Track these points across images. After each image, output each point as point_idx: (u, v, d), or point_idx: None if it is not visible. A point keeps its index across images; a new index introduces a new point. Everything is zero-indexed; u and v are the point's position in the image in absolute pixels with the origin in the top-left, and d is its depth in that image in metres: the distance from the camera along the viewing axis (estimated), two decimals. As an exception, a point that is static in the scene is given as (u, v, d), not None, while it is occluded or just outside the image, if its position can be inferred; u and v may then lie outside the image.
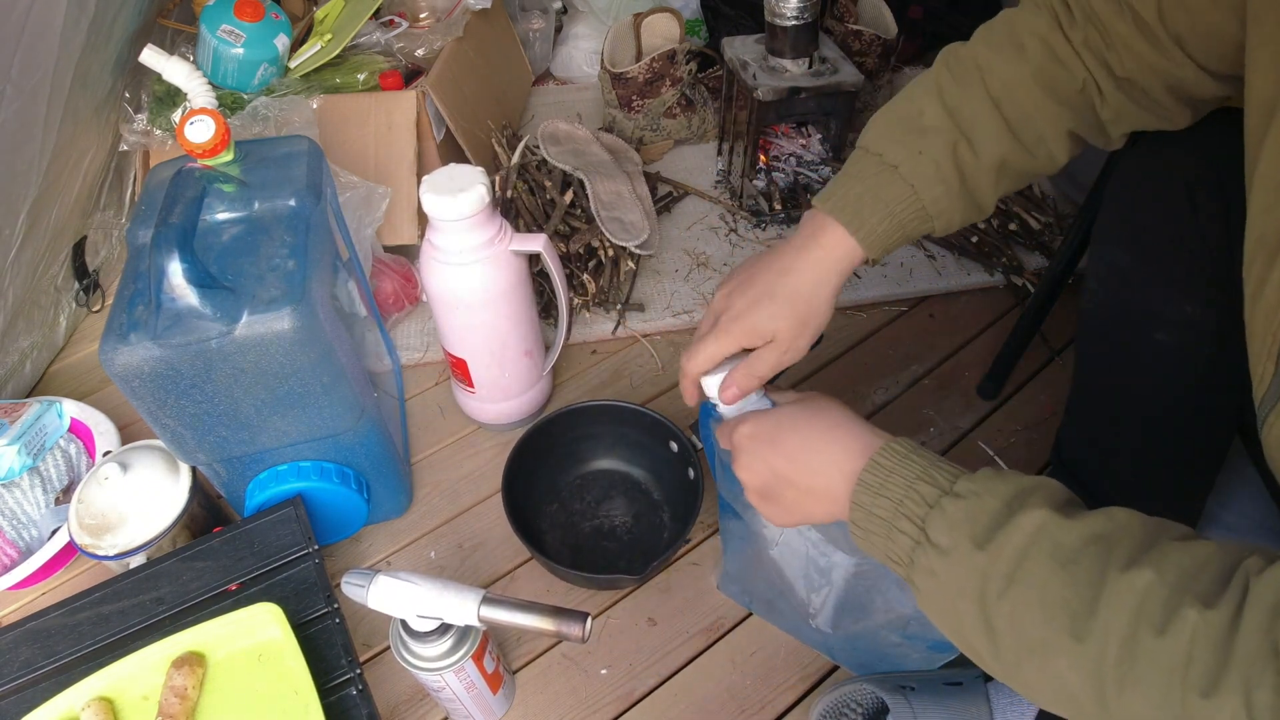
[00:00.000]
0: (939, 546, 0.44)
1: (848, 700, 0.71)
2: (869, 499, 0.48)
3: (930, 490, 0.46)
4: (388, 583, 0.58)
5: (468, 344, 0.89)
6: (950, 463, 0.47)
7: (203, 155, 0.69)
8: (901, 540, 0.46)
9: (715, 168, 1.40)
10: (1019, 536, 0.41)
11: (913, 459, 0.48)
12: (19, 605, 0.86)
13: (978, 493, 0.44)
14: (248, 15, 1.06)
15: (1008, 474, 0.45)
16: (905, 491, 0.46)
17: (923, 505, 0.45)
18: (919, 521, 0.45)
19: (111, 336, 0.62)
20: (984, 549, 0.41)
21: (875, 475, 0.48)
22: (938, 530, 0.44)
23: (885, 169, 0.59)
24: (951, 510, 0.44)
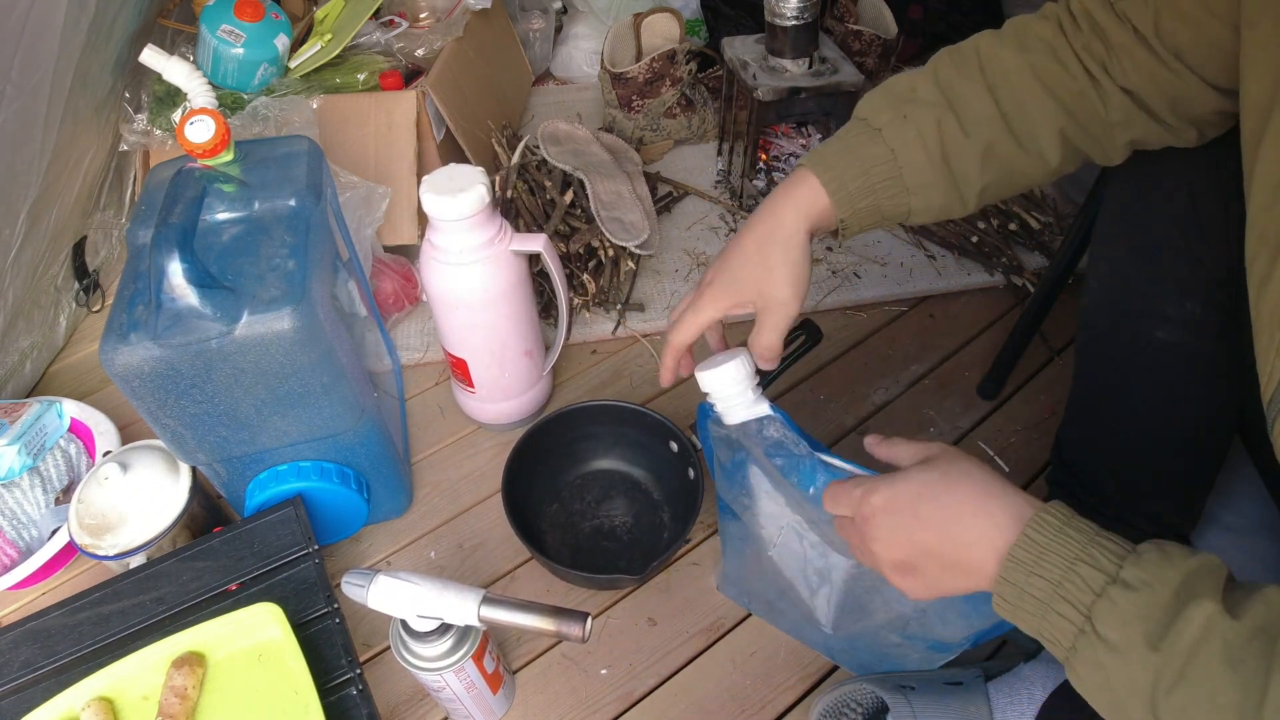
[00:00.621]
0: (1108, 641, 0.42)
1: (848, 700, 0.71)
2: (1022, 577, 0.45)
3: (1094, 575, 0.43)
4: (388, 583, 0.58)
5: (468, 344, 0.89)
6: (1107, 535, 0.45)
7: (203, 155, 0.69)
8: (1061, 624, 0.44)
9: (715, 168, 1.40)
10: (1190, 633, 0.39)
11: (1069, 533, 0.45)
12: (19, 605, 0.86)
13: (1149, 584, 0.41)
14: (248, 15, 1.06)
15: (1171, 554, 0.42)
16: (1064, 573, 0.44)
17: (1087, 592, 0.43)
18: (1083, 609, 0.43)
19: (111, 336, 0.62)
20: (1158, 650, 0.40)
21: (1029, 552, 0.45)
22: (1107, 624, 0.42)
23: (869, 130, 0.60)
24: (1122, 603, 0.42)
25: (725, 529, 0.77)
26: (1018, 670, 0.68)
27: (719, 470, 0.69)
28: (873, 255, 1.23)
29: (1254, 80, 0.48)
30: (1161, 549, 0.43)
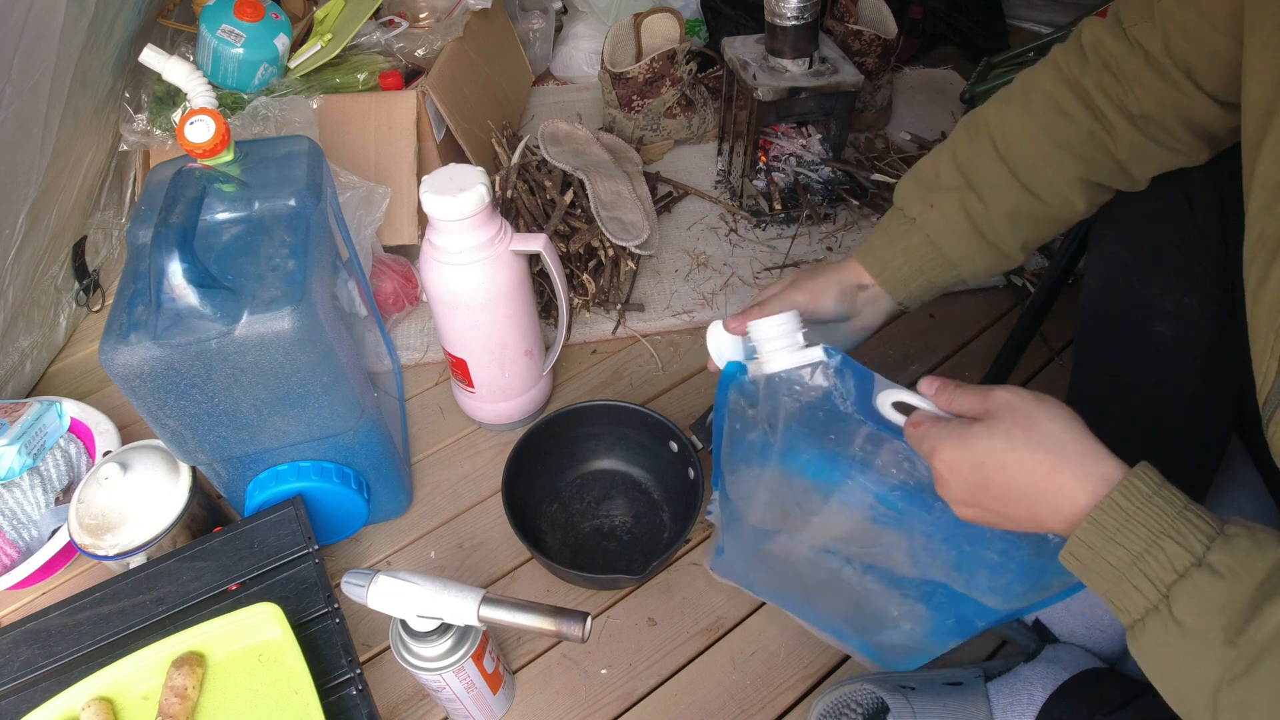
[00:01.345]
0: (1183, 626, 0.40)
1: (848, 700, 0.71)
2: (1101, 542, 0.43)
3: (1179, 553, 0.41)
4: (388, 583, 0.58)
5: (468, 344, 0.89)
6: (1197, 509, 0.43)
7: (203, 155, 0.69)
8: (1133, 596, 0.43)
9: (715, 168, 1.40)
10: (1268, 629, 0.38)
11: (1158, 503, 0.43)
12: (19, 605, 0.86)
13: (1236, 573, 0.40)
14: (248, 15, 1.06)
15: (1261, 541, 0.41)
16: (1148, 546, 0.42)
17: (1169, 570, 0.41)
18: (1162, 586, 0.41)
19: (111, 336, 0.62)
20: (1234, 645, 0.39)
21: (1112, 517, 0.43)
22: (1186, 608, 0.41)
23: (905, 220, 0.68)
24: (1206, 589, 0.40)
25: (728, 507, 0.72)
26: (1017, 671, 0.68)
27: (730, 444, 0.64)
28: (873, 255, 1.23)
29: (1255, 84, 0.48)
30: (1252, 534, 0.41)
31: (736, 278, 1.19)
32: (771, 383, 0.58)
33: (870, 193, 1.29)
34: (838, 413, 0.56)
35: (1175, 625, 0.41)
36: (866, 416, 0.56)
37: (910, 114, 1.53)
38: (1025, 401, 0.48)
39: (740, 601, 0.83)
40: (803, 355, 0.57)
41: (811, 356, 0.57)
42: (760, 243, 1.25)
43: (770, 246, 1.25)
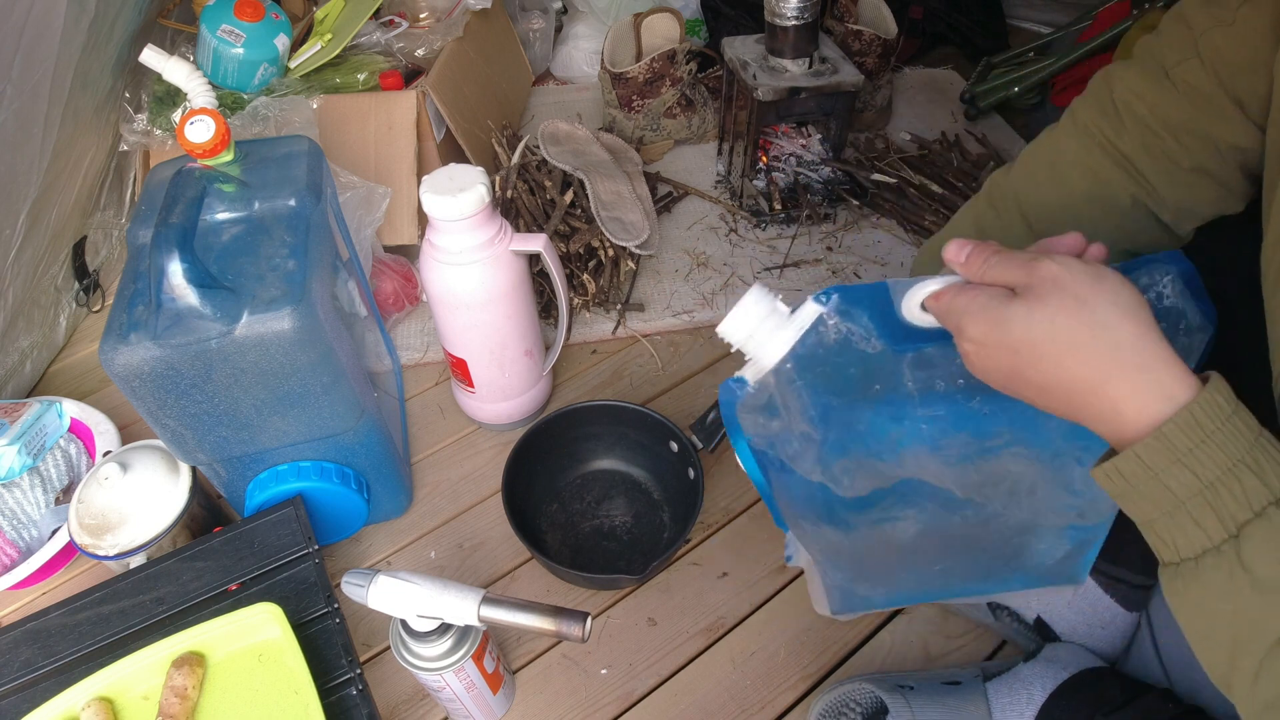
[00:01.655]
0: (1254, 573, 0.35)
1: (846, 700, 0.71)
2: (1164, 463, 0.36)
3: (1257, 488, 0.35)
4: (388, 583, 0.58)
5: (468, 344, 0.89)
6: (1269, 437, 0.37)
7: (203, 155, 0.69)
8: (1192, 530, 0.36)
9: (715, 168, 1.40)
10: None
11: (1236, 425, 0.36)
12: (19, 605, 0.86)
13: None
14: (248, 15, 1.06)
15: None
16: (1222, 475, 0.35)
17: (1245, 506, 0.35)
18: (1232, 525, 0.35)
19: (111, 336, 0.62)
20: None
21: (1188, 436, 0.36)
22: (1260, 553, 0.35)
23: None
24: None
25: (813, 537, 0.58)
26: (1016, 670, 0.68)
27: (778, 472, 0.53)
28: (873, 255, 1.23)
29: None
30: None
31: (736, 278, 1.19)
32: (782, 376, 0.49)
33: (870, 193, 1.29)
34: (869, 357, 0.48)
35: (1244, 572, 0.35)
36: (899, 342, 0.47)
37: (910, 114, 1.53)
38: (1078, 278, 0.39)
39: (740, 601, 0.83)
40: (796, 321, 0.48)
41: (806, 316, 0.47)
42: (760, 243, 1.25)
43: (770, 246, 1.25)
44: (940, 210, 1.24)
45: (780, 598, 0.83)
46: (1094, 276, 0.39)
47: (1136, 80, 0.57)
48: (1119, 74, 0.59)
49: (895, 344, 0.47)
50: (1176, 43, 0.55)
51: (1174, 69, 0.55)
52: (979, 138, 1.43)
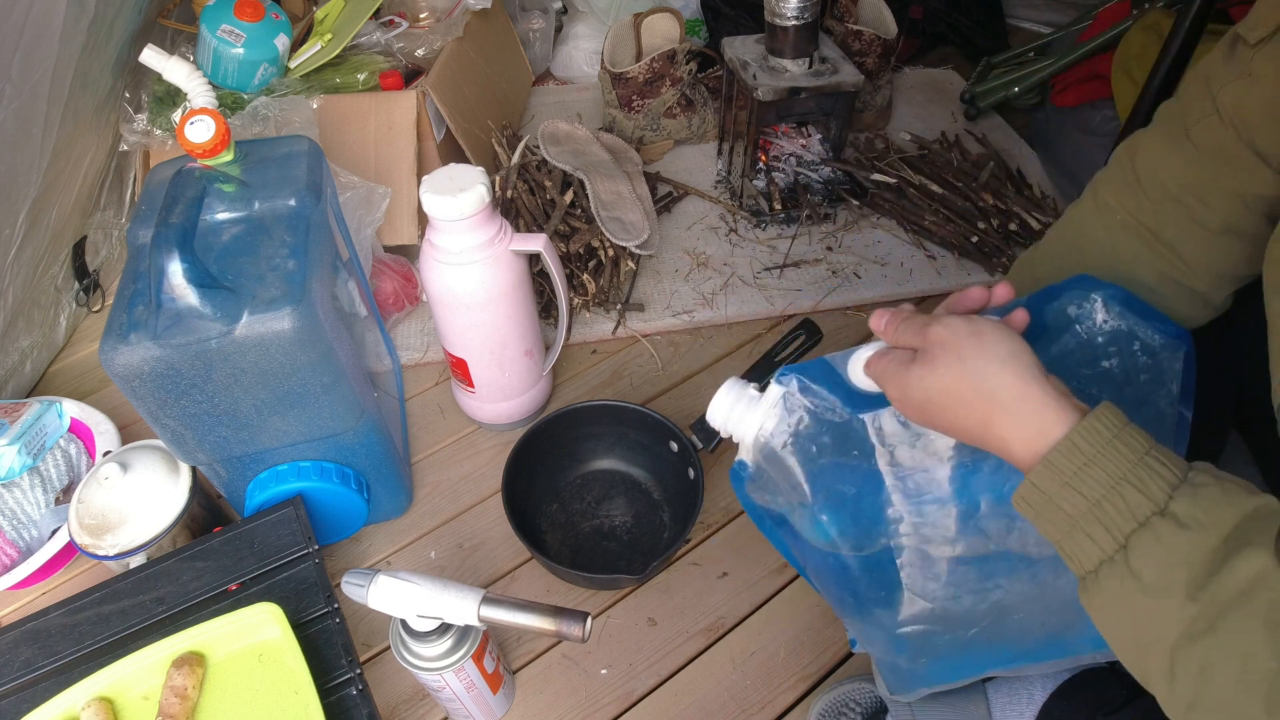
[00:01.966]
0: (1140, 578, 0.38)
1: (846, 700, 0.71)
2: (1055, 487, 0.40)
3: (1140, 501, 0.38)
4: (388, 583, 0.58)
5: (468, 344, 0.89)
6: (1159, 449, 0.40)
7: (203, 155, 0.69)
8: (1087, 546, 0.40)
9: (715, 168, 1.40)
10: (1233, 584, 0.36)
11: (1118, 447, 0.39)
12: (19, 605, 0.86)
13: (1201, 523, 0.37)
14: (248, 15, 1.06)
15: (1230, 490, 0.38)
16: (1106, 492, 0.39)
17: (1129, 518, 0.38)
18: (1119, 536, 0.39)
19: (111, 336, 0.62)
20: (1196, 600, 0.36)
21: (1069, 461, 0.40)
22: (1145, 560, 0.38)
23: None
24: (1169, 540, 0.37)
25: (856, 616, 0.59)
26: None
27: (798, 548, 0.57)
28: (873, 255, 1.23)
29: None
30: (1220, 483, 0.38)
31: (736, 278, 1.19)
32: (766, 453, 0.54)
33: (870, 193, 1.29)
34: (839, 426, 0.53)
35: (1132, 578, 0.38)
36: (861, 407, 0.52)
37: (910, 114, 1.53)
38: (959, 338, 0.45)
39: (740, 601, 0.83)
40: (764, 402, 0.54)
41: (772, 397, 0.54)
42: (760, 243, 1.25)
43: (770, 246, 1.25)
44: (940, 210, 1.24)
45: (780, 598, 0.83)
46: (972, 334, 0.45)
47: (1158, 146, 0.59)
48: (1141, 142, 0.60)
49: (858, 409, 0.52)
50: (1195, 102, 0.56)
51: (1193, 128, 0.56)
52: (979, 138, 1.43)
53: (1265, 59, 0.51)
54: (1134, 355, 0.52)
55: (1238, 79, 0.53)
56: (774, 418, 0.54)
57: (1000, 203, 1.23)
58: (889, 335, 0.50)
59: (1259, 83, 0.52)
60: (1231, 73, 0.54)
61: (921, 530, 0.53)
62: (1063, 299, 0.54)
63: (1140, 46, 1.21)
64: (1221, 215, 0.56)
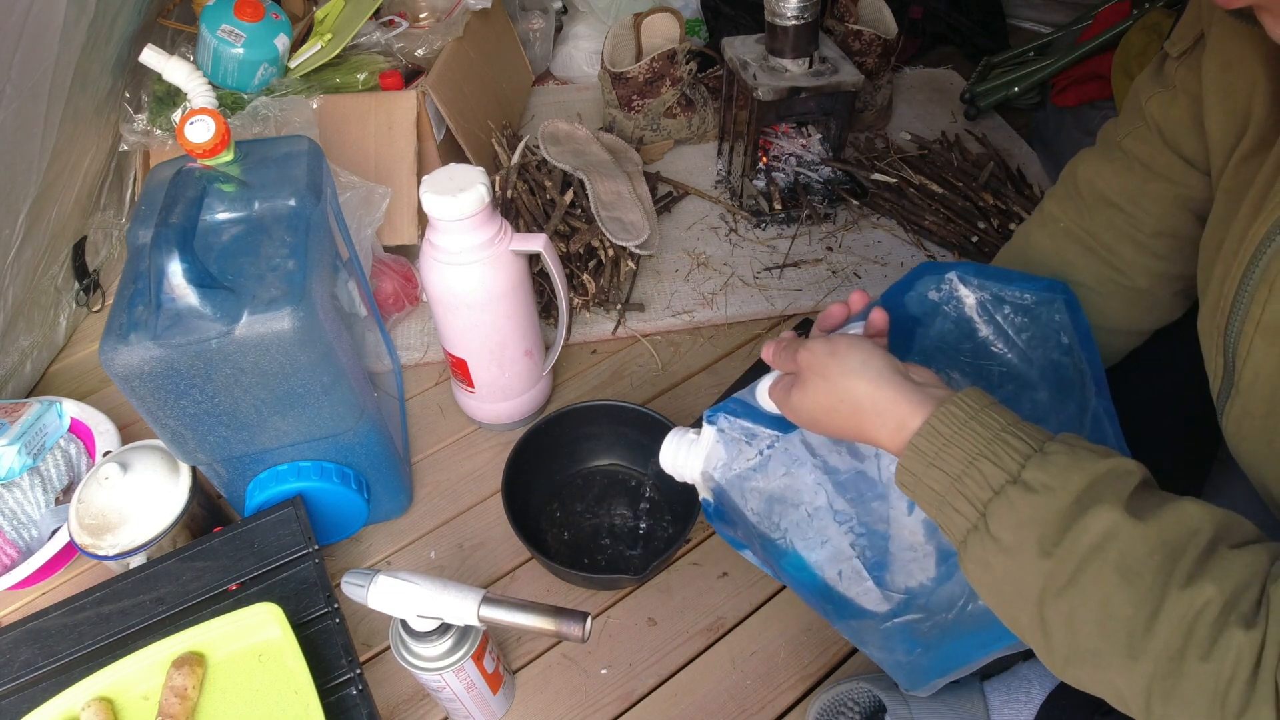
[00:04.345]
0: (999, 541, 0.41)
1: (844, 699, 0.71)
2: (921, 467, 0.44)
3: (994, 472, 0.42)
4: (388, 583, 0.58)
5: (468, 344, 0.89)
6: (1019, 426, 0.43)
7: (203, 155, 0.69)
8: (955, 518, 0.44)
9: (715, 168, 1.40)
10: (1086, 540, 0.39)
11: (974, 427, 0.43)
12: (19, 605, 0.86)
13: (1050, 487, 0.40)
14: (248, 15, 1.06)
15: (1081, 455, 0.41)
16: (965, 468, 0.43)
17: (985, 489, 0.42)
18: (979, 505, 0.42)
19: (111, 336, 0.62)
20: (1050, 556, 0.39)
21: (930, 443, 0.44)
22: (1000, 524, 0.41)
23: None
24: (1020, 505, 0.41)
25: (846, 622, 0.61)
26: (1015, 669, 0.68)
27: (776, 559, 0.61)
28: (873, 255, 1.23)
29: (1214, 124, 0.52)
30: (1073, 450, 0.42)
31: (736, 278, 1.19)
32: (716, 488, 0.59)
33: (870, 193, 1.29)
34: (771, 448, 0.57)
35: (993, 542, 0.42)
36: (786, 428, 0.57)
37: (910, 114, 1.53)
38: (820, 360, 0.50)
39: (740, 601, 0.83)
40: (702, 441, 0.59)
41: (707, 436, 0.59)
42: (760, 243, 1.25)
43: (770, 246, 1.25)
44: (940, 210, 1.24)
45: (780, 598, 0.83)
46: (829, 353, 0.50)
47: (1094, 158, 0.64)
48: (1082, 158, 0.66)
49: (784, 430, 0.56)
50: (1126, 114, 0.62)
51: (1125, 139, 0.62)
52: (979, 138, 1.43)
53: (1186, 70, 0.56)
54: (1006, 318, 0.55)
55: (1162, 90, 0.58)
56: (714, 454, 0.59)
57: (1000, 203, 1.23)
58: (774, 362, 0.55)
59: (1180, 93, 0.57)
60: (1157, 85, 0.59)
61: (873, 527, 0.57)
62: (917, 287, 0.57)
63: (1140, 46, 1.22)
64: (1155, 218, 0.61)
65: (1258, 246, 0.45)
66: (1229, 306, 0.48)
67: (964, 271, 0.57)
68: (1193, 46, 0.56)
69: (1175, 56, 0.57)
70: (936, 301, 0.57)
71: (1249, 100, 0.49)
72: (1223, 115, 0.52)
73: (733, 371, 1.06)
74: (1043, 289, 0.56)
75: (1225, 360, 0.49)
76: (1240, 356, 0.47)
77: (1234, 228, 0.49)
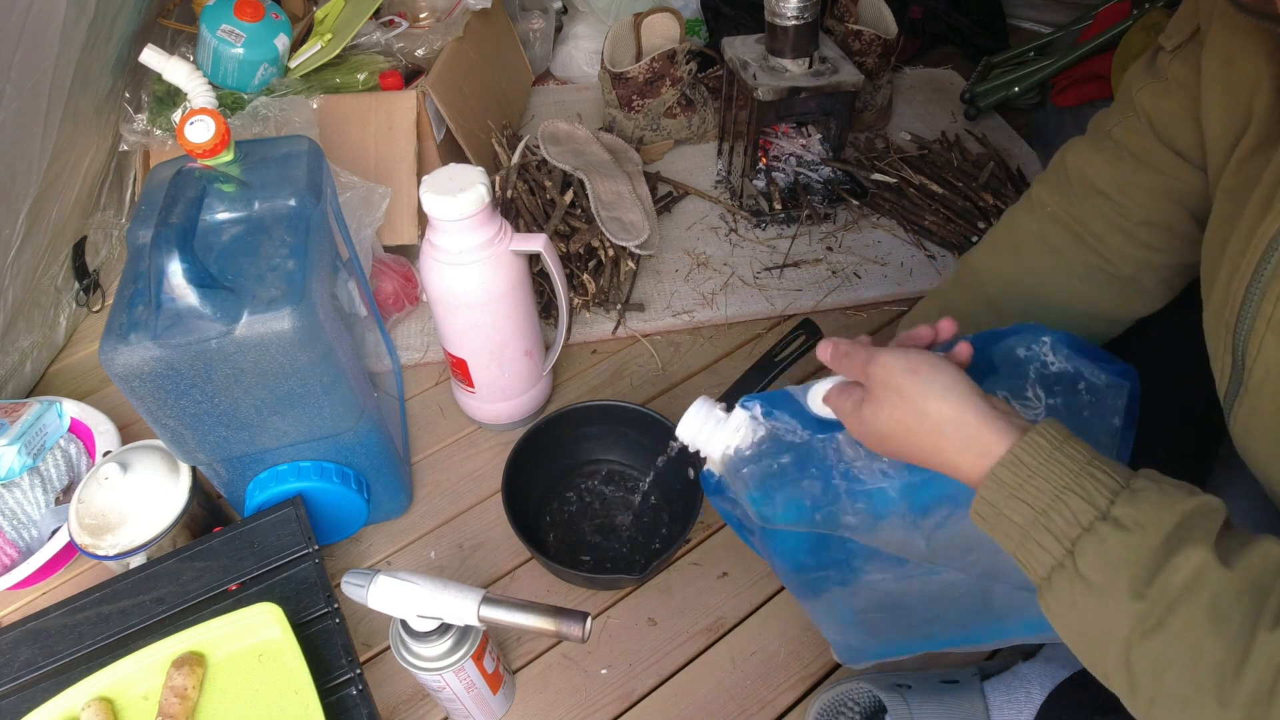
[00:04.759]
0: (1089, 581, 0.40)
1: (844, 699, 0.71)
2: (1003, 499, 0.43)
3: (1084, 507, 0.40)
4: (388, 583, 0.58)
5: (468, 344, 0.89)
6: (1102, 460, 0.42)
7: (203, 155, 0.69)
8: (1039, 554, 0.42)
9: (715, 168, 1.40)
10: (1177, 580, 0.38)
11: (1059, 459, 0.42)
12: (19, 605, 0.86)
13: (1141, 525, 0.39)
14: (248, 15, 1.06)
15: (1169, 493, 0.40)
16: (1051, 501, 0.41)
17: (1074, 524, 0.40)
18: (1066, 542, 0.41)
19: (111, 336, 0.62)
20: (1142, 598, 0.38)
21: (1014, 474, 0.42)
22: (1091, 563, 0.40)
23: None
24: (1111, 543, 0.39)
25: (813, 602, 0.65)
26: (1015, 669, 0.68)
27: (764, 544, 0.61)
28: (873, 255, 1.23)
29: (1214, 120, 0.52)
30: (1160, 487, 0.40)
31: (736, 278, 1.19)
32: (729, 468, 0.58)
33: (870, 193, 1.29)
34: (799, 447, 0.56)
35: (1081, 581, 0.40)
36: (819, 431, 0.56)
37: (910, 114, 1.53)
38: (896, 376, 0.48)
39: (740, 601, 0.83)
40: (730, 424, 0.58)
41: (737, 420, 0.58)
42: (760, 243, 1.25)
43: (770, 246, 1.25)
44: (940, 210, 1.24)
45: (780, 598, 0.83)
46: (908, 371, 0.47)
47: (1085, 146, 0.65)
48: (1072, 146, 0.66)
49: (816, 433, 0.55)
50: (1118, 106, 0.62)
51: (1115, 129, 0.62)
52: (979, 138, 1.43)
53: (1181, 64, 0.56)
54: (1079, 393, 0.55)
55: (1155, 81, 0.58)
56: (740, 438, 0.58)
57: (1000, 203, 1.23)
58: (837, 366, 0.53)
59: (1174, 86, 0.57)
60: (1149, 76, 0.59)
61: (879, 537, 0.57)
62: (1010, 340, 0.57)
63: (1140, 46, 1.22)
64: (1143, 208, 0.61)
65: (1269, 244, 0.45)
66: (1238, 305, 0.47)
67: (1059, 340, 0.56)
68: (1188, 40, 0.55)
69: (1170, 50, 0.57)
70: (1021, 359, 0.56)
71: (1251, 97, 0.49)
72: (1223, 112, 0.51)
73: (733, 371, 1.06)
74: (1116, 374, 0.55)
75: (1234, 359, 0.49)
76: (1250, 355, 0.47)
77: (1240, 226, 0.48)
